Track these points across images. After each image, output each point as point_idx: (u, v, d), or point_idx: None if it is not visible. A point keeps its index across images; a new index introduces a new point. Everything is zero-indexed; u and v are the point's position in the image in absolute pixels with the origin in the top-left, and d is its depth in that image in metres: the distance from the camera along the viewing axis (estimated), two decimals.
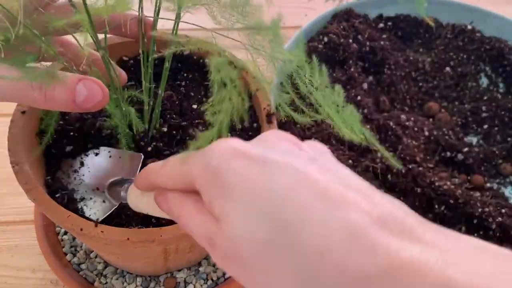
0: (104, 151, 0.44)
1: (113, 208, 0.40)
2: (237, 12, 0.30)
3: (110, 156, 0.44)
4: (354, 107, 0.63)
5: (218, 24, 0.31)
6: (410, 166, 0.56)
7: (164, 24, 0.41)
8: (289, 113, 0.31)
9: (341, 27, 0.68)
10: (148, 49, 0.41)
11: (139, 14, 0.39)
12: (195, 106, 0.48)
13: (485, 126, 0.67)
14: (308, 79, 0.31)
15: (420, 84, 0.72)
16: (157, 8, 0.36)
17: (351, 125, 0.30)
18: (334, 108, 0.30)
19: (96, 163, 0.43)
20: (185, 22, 0.36)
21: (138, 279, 0.50)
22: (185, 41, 0.32)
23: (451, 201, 0.54)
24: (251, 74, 0.42)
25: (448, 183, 0.56)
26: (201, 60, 0.53)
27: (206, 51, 0.39)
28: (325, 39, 0.67)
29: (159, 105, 0.43)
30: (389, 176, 0.55)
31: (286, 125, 0.58)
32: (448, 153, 0.62)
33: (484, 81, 0.73)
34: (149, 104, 0.43)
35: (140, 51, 0.40)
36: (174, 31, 0.38)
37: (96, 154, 0.44)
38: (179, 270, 0.51)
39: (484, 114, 0.68)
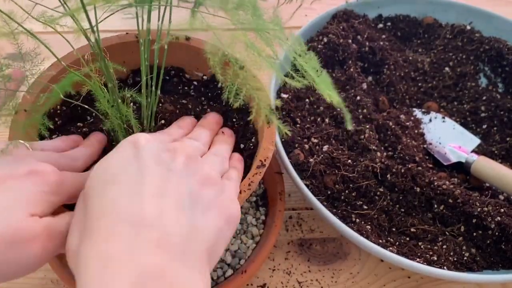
0: None
1: None
2: None
3: None
4: (354, 106, 0.64)
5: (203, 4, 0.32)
6: (409, 166, 0.57)
7: (165, 24, 0.41)
8: (283, 78, 0.35)
9: (341, 27, 0.68)
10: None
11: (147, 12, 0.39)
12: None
13: (484, 126, 0.68)
14: (290, 47, 0.35)
15: (419, 84, 0.72)
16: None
17: (328, 89, 0.34)
18: (315, 72, 0.34)
19: None
20: (178, 6, 0.36)
21: None
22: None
23: (450, 201, 0.55)
24: (251, 73, 0.42)
25: (447, 182, 0.56)
26: (204, 76, 0.54)
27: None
28: (325, 39, 0.67)
29: (155, 102, 0.44)
30: (388, 175, 0.56)
31: (287, 125, 0.59)
32: None
33: (483, 81, 0.73)
34: (147, 101, 0.43)
35: (140, 40, 0.40)
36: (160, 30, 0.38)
37: None
38: None
39: (483, 114, 0.68)
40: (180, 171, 0.32)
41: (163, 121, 0.46)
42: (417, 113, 0.67)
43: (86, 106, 0.42)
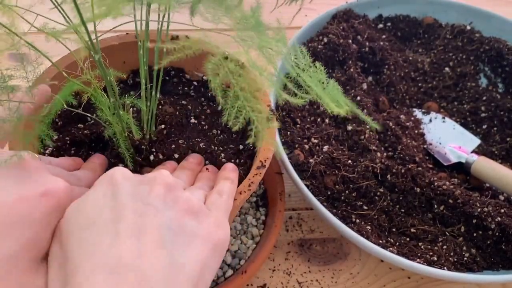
0: None
1: None
2: (222, 7, 0.31)
3: None
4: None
5: (206, 20, 0.32)
6: (410, 166, 0.57)
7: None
8: (284, 97, 0.34)
9: (341, 27, 0.68)
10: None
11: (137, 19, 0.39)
12: (193, 121, 0.49)
13: (484, 126, 0.68)
14: (294, 61, 0.34)
15: (420, 84, 0.72)
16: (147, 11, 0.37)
17: (336, 99, 0.33)
18: (320, 86, 0.33)
19: None
20: (175, 22, 0.36)
21: None
22: (180, 45, 0.33)
23: (450, 201, 0.55)
24: (250, 74, 0.42)
25: (447, 183, 0.56)
26: (203, 76, 0.54)
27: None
28: (325, 39, 0.67)
29: (155, 106, 0.44)
30: (388, 176, 0.56)
31: (287, 125, 0.59)
32: None
33: (483, 81, 0.73)
34: (147, 106, 0.43)
35: (139, 42, 0.40)
36: (159, 32, 0.38)
37: None
38: None
39: (483, 114, 0.68)
40: (158, 204, 0.31)
41: (163, 126, 0.46)
42: (417, 113, 0.67)
43: (88, 115, 0.42)
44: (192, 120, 0.49)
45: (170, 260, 0.28)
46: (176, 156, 0.45)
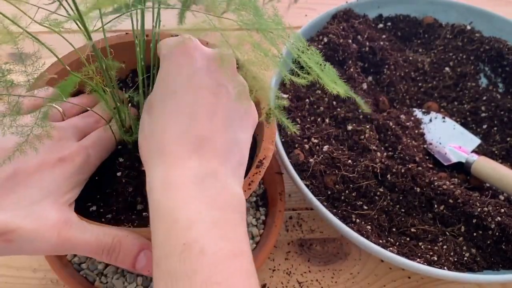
0: None
1: None
2: None
3: None
4: (354, 106, 0.64)
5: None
6: (410, 166, 0.57)
7: (165, 24, 0.41)
8: (288, 76, 0.36)
9: (341, 27, 0.68)
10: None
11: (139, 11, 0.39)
12: None
13: (484, 126, 0.68)
14: (294, 44, 0.36)
15: (420, 84, 0.72)
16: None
17: (334, 80, 0.35)
18: (318, 67, 0.35)
19: None
20: (171, 7, 0.37)
21: (139, 278, 0.50)
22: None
23: (450, 201, 0.55)
24: (251, 73, 0.42)
25: (447, 182, 0.56)
26: None
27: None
28: (325, 39, 0.67)
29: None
30: (388, 176, 0.56)
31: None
32: None
33: (483, 81, 0.73)
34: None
35: (136, 40, 0.40)
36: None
37: None
38: None
39: (483, 114, 0.68)
40: (227, 83, 0.36)
41: None
42: (417, 113, 0.67)
43: (88, 108, 0.42)
44: None
45: (232, 136, 0.35)
46: None
